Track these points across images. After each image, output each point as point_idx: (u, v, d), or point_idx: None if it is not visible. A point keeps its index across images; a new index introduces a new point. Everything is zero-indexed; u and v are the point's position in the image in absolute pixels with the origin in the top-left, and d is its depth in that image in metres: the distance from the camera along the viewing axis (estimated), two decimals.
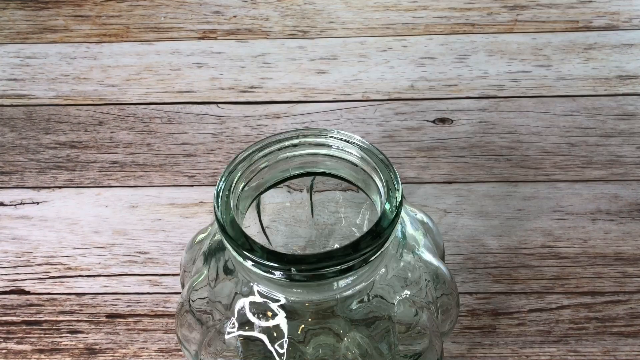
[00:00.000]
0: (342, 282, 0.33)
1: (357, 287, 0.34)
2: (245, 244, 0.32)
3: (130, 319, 0.47)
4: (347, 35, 0.66)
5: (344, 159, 0.37)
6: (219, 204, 0.34)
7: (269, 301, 0.34)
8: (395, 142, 0.57)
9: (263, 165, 0.37)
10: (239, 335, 0.35)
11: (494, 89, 0.61)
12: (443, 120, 0.59)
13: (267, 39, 0.66)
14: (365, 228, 0.42)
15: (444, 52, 0.64)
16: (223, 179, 0.35)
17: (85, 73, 0.63)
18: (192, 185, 0.55)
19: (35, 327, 0.47)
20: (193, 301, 0.37)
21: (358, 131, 0.58)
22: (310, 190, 0.42)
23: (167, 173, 0.56)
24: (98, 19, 0.68)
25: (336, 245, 0.44)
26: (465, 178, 0.55)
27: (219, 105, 0.61)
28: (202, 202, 0.54)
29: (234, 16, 0.68)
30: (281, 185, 0.39)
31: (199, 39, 0.66)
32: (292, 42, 0.65)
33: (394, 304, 0.36)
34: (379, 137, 0.57)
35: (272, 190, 0.39)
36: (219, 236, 0.37)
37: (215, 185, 0.55)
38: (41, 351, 0.46)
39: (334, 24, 0.67)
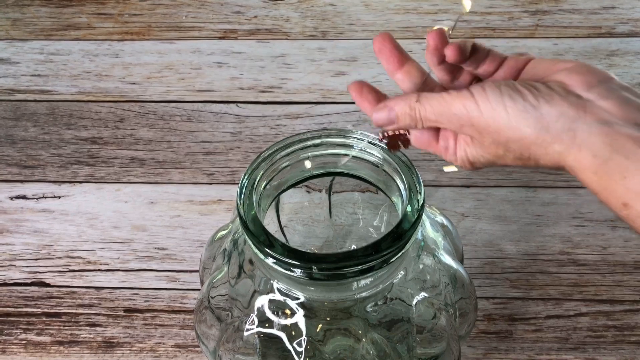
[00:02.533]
0: (361, 283, 0.33)
1: (376, 289, 0.34)
2: (266, 240, 0.32)
3: (147, 314, 0.48)
4: (367, 37, 0.66)
5: (365, 159, 0.37)
6: (242, 200, 0.34)
7: (288, 299, 0.34)
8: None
9: (285, 164, 0.37)
10: (258, 333, 0.35)
11: None
12: None
13: (288, 39, 0.66)
14: (383, 230, 0.42)
15: None
16: (246, 176, 0.35)
17: (107, 70, 0.64)
18: (210, 183, 0.55)
19: (54, 319, 0.48)
20: (212, 298, 0.38)
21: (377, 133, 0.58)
22: (329, 191, 0.42)
23: (186, 170, 0.56)
24: (120, 17, 0.69)
25: (353, 246, 0.44)
26: (484, 182, 0.54)
27: (239, 104, 0.61)
28: (220, 199, 0.54)
29: (255, 16, 0.68)
30: (300, 185, 0.39)
31: (220, 38, 0.66)
32: (312, 43, 0.65)
33: (412, 306, 0.36)
34: None
35: (291, 190, 0.39)
36: (239, 234, 0.37)
37: (234, 183, 0.56)
38: (60, 343, 0.47)
39: (354, 26, 0.67)
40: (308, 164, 0.37)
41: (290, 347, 0.35)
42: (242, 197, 0.34)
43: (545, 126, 0.26)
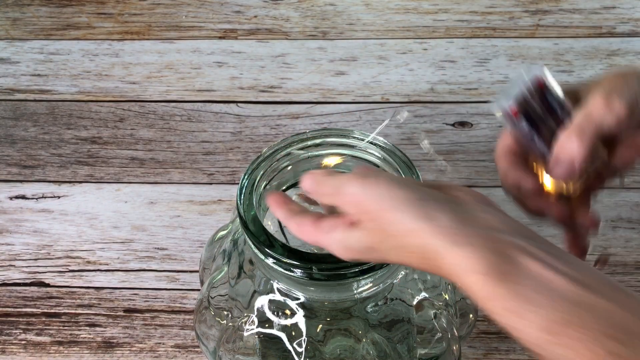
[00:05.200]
0: (361, 283, 0.33)
1: (377, 289, 0.34)
2: (266, 240, 0.32)
3: (147, 314, 0.48)
4: (367, 37, 0.66)
5: (365, 159, 0.37)
6: (242, 200, 0.34)
7: (289, 299, 0.34)
8: (414, 144, 0.57)
9: (285, 164, 0.37)
10: (258, 333, 0.35)
11: None
12: (463, 124, 0.58)
13: (287, 39, 0.66)
14: None
15: (465, 55, 0.63)
16: (246, 176, 0.35)
17: (107, 70, 0.64)
18: (210, 183, 0.55)
19: (54, 319, 0.48)
20: (212, 298, 0.38)
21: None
22: None
23: (186, 170, 0.56)
24: (120, 17, 0.69)
25: None
26: (485, 182, 0.54)
27: (239, 104, 0.61)
28: (220, 199, 0.54)
29: (255, 16, 0.68)
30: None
31: (220, 38, 0.66)
32: (312, 43, 0.65)
33: (413, 306, 0.36)
34: (398, 140, 0.57)
35: (291, 190, 0.39)
36: (239, 234, 0.37)
37: (234, 183, 0.56)
38: (60, 343, 0.47)
39: (354, 26, 0.67)
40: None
41: (290, 348, 0.35)
42: (242, 197, 0.34)
43: (431, 218, 0.25)
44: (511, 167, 0.31)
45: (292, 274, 0.32)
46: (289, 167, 0.37)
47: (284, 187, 0.38)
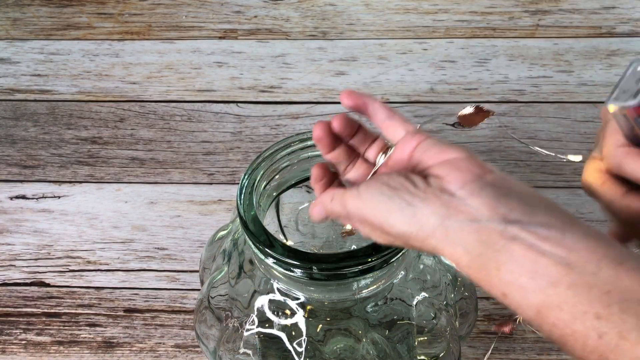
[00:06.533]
0: (361, 283, 0.33)
1: (377, 289, 0.34)
2: (266, 240, 0.32)
3: (147, 314, 0.48)
4: (367, 37, 0.66)
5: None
6: (242, 200, 0.34)
7: (289, 299, 0.34)
8: None
9: (285, 164, 0.37)
10: (258, 333, 0.35)
11: (514, 93, 0.60)
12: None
13: (288, 39, 0.66)
14: None
15: (465, 55, 0.63)
16: (246, 176, 0.35)
17: (107, 70, 0.64)
18: (210, 183, 0.55)
19: (54, 319, 0.48)
20: (212, 298, 0.38)
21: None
22: None
23: (186, 170, 0.56)
24: (120, 17, 0.69)
25: (353, 247, 0.44)
26: None
27: (239, 104, 0.61)
28: (220, 199, 0.54)
29: (255, 16, 0.68)
30: (300, 185, 0.39)
31: (220, 38, 0.66)
32: (312, 43, 0.65)
33: (413, 306, 0.36)
34: None
35: (291, 190, 0.39)
36: (239, 234, 0.37)
37: (234, 183, 0.56)
38: (60, 343, 0.47)
39: (354, 26, 0.67)
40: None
41: (290, 347, 0.35)
42: (242, 197, 0.34)
43: (419, 223, 0.27)
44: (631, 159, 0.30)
45: (292, 273, 0.32)
46: (289, 167, 0.37)
47: (284, 187, 0.38)
